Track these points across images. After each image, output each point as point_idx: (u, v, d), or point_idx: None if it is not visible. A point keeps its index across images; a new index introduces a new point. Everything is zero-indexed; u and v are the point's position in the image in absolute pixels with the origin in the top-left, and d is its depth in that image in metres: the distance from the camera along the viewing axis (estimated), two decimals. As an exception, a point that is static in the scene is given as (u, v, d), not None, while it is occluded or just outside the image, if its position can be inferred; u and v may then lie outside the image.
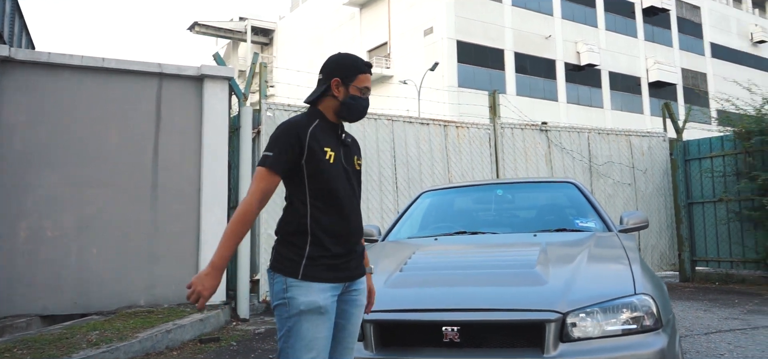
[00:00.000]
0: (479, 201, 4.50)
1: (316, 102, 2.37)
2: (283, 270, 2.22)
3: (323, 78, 2.35)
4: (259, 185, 2.22)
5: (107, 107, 6.56)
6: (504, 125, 8.88)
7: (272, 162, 2.21)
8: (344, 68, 2.34)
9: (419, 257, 3.18)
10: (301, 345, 2.19)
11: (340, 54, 2.41)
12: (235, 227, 2.16)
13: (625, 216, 3.97)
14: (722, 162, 9.44)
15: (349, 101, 2.33)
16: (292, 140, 2.24)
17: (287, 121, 2.31)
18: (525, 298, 2.54)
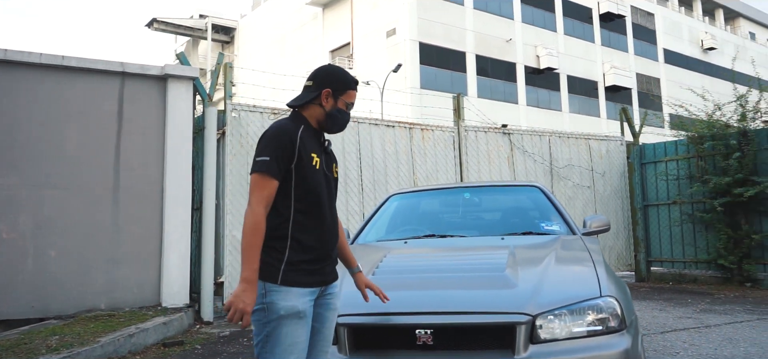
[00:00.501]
0: (447, 204, 4.57)
1: (301, 107, 2.40)
2: (262, 275, 2.22)
3: (313, 86, 2.38)
4: (262, 193, 2.22)
5: (67, 106, 6.40)
6: (468, 128, 9.01)
7: (270, 167, 2.22)
8: (337, 81, 2.39)
9: (390, 260, 3.22)
10: (280, 349, 2.21)
11: (333, 66, 2.47)
12: (253, 239, 2.17)
13: (588, 220, 4.09)
14: (676, 166, 9.77)
15: (336, 113, 2.39)
16: (285, 144, 2.26)
17: (277, 125, 2.31)
18: (496, 301, 2.61)
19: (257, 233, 2.18)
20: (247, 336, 6.02)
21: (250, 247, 2.17)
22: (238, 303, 2.12)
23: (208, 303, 6.80)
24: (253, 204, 2.21)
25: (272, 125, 2.32)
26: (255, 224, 2.18)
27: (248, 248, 2.17)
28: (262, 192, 2.22)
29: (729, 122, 8.97)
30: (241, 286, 2.14)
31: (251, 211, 2.20)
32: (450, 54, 32.78)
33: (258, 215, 2.19)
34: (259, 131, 7.34)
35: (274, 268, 2.23)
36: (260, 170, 2.22)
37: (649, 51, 41.32)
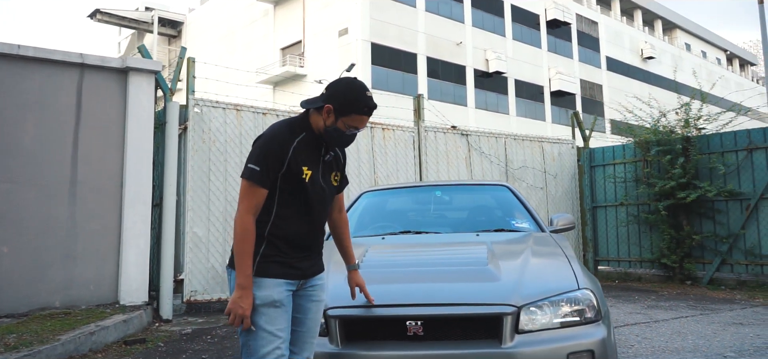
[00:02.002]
0: (419, 202, 4.67)
1: (310, 110, 2.41)
2: (232, 265, 2.34)
3: (323, 95, 2.36)
4: (250, 201, 2.27)
5: (23, 97, 6.18)
6: (427, 129, 9.16)
7: (260, 178, 2.26)
8: (344, 102, 2.30)
9: (373, 255, 3.29)
10: (260, 338, 2.28)
11: (352, 86, 2.35)
12: (245, 247, 2.25)
13: (554, 218, 4.27)
14: (623, 169, 10.21)
15: (332, 132, 2.35)
16: (276, 154, 2.29)
17: (274, 131, 2.33)
18: (482, 293, 2.72)
19: (247, 240, 2.25)
20: (210, 334, 5.97)
21: (242, 254, 2.24)
22: (236, 309, 2.23)
23: (168, 301, 6.69)
24: (241, 212, 2.27)
25: (271, 129, 2.34)
26: (244, 232, 2.25)
27: (240, 255, 2.24)
28: (251, 201, 2.27)
29: (674, 129, 9.43)
30: (237, 292, 2.24)
31: (240, 219, 2.26)
32: (402, 55, 33.05)
33: (247, 223, 2.26)
34: (221, 126, 7.28)
35: None
36: (250, 178, 2.26)
37: (592, 58, 42.78)
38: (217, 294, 6.98)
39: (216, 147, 7.19)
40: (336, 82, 2.39)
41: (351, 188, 8.20)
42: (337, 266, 3.21)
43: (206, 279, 6.94)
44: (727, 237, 8.85)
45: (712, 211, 9.09)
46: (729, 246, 8.83)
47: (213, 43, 39.85)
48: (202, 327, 6.36)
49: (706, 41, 56.18)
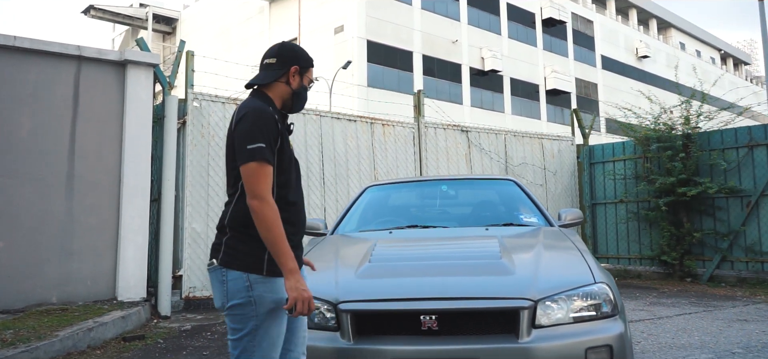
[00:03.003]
0: (425, 196, 4.61)
1: (265, 87, 2.29)
2: (243, 266, 2.13)
3: (278, 64, 2.28)
4: (268, 181, 2.11)
5: (19, 89, 6.07)
6: (428, 125, 9.09)
7: (269, 155, 2.12)
8: (302, 59, 2.33)
9: (382, 249, 3.22)
10: (269, 343, 2.15)
11: (294, 44, 2.37)
12: (280, 231, 2.09)
13: (562, 213, 4.21)
14: (623, 166, 10.18)
15: (301, 92, 2.32)
16: (273, 128, 2.17)
17: (259, 108, 2.18)
18: (498, 287, 2.66)
19: (280, 223, 2.10)
20: (209, 330, 5.89)
21: (280, 239, 2.08)
22: (302, 295, 2.05)
23: (166, 297, 6.60)
24: (265, 196, 2.08)
25: (252, 107, 2.18)
26: (276, 215, 2.09)
27: (279, 240, 2.07)
28: (268, 180, 2.11)
29: (674, 125, 9.40)
30: (293, 278, 2.06)
31: (266, 203, 2.08)
32: (397, 53, 32.96)
33: (274, 206, 2.10)
34: (220, 120, 7.19)
35: (257, 258, 2.13)
36: (262, 157, 2.09)
37: (587, 57, 42.82)
38: (216, 291, 6.88)
39: (215, 142, 7.10)
40: (284, 46, 2.34)
41: (351, 184, 8.14)
42: (344, 261, 3.15)
43: (205, 276, 6.84)
44: (728, 234, 8.83)
45: (712, 208, 9.07)
46: (729, 243, 8.80)
47: (208, 40, 39.64)
48: (201, 323, 6.27)
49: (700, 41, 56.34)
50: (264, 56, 2.34)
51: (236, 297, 2.12)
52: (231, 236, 2.17)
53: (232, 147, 2.20)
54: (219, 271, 2.16)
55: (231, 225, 2.18)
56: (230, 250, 2.15)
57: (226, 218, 2.20)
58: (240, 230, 2.16)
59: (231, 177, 2.23)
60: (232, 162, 2.21)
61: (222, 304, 2.16)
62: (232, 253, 2.15)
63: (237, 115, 2.19)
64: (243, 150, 2.10)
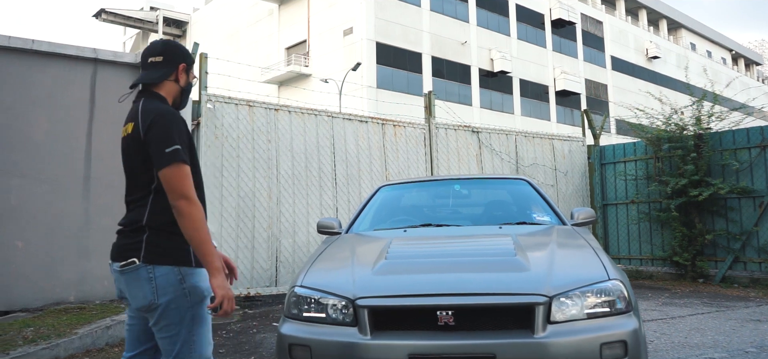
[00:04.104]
0: (438, 196, 4.64)
1: (156, 86, 2.29)
2: (172, 261, 2.16)
3: (165, 61, 2.29)
4: (191, 181, 2.15)
5: (36, 91, 6.17)
6: (438, 126, 9.13)
7: (185, 154, 2.15)
8: (188, 56, 2.37)
9: (398, 246, 3.26)
10: (206, 329, 2.22)
11: (177, 42, 2.39)
12: (207, 231, 2.14)
13: (575, 212, 4.23)
14: (634, 166, 10.16)
15: (187, 89, 2.38)
16: (186, 129, 2.22)
17: (168, 110, 2.21)
18: (514, 283, 2.69)
19: (206, 222, 2.16)
20: (224, 329, 5.95)
21: (207, 238, 2.11)
22: (227, 293, 2.09)
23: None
24: (190, 196, 2.11)
25: (161, 111, 2.18)
26: (203, 215, 2.15)
27: (207, 239, 2.11)
28: (190, 180, 2.14)
29: (686, 126, 9.38)
30: (220, 277, 2.10)
31: (193, 203, 2.11)
32: (406, 55, 33.04)
33: (199, 205, 2.15)
34: (233, 122, 7.26)
35: (185, 251, 2.18)
36: (182, 159, 2.12)
37: (597, 58, 42.72)
38: (229, 290, 6.95)
39: (228, 143, 7.17)
40: (168, 44, 2.34)
41: (363, 185, 8.19)
42: (360, 258, 3.19)
43: (219, 275, 6.90)
44: (740, 235, 8.80)
45: (724, 209, 9.04)
46: (742, 244, 8.77)
47: (218, 42, 39.89)
48: (215, 321, 6.34)
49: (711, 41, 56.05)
50: (147, 54, 2.32)
51: (168, 292, 2.13)
52: (152, 234, 2.17)
53: (135, 151, 2.21)
54: (144, 269, 2.15)
55: (151, 224, 2.19)
56: (155, 247, 2.16)
57: (145, 219, 2.19)
58: (162, 227, 2.18)
59: (138, 180, 2.23)
60: (137, 166, 2.22)
61: (149, 302, 2.14)
62: (158, 250, 2.16)
63: (144, 119, 2.17)
64: (161, 154, 2.11)
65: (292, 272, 7.44)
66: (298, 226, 7.58)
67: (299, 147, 7.72)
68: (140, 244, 2.16)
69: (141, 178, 2.21)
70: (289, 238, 7.47)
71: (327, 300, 2.81)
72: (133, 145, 2.21)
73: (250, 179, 7.27)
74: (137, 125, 2.19)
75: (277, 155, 7.52)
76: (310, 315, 2.83)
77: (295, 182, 7.62)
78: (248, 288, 7.08)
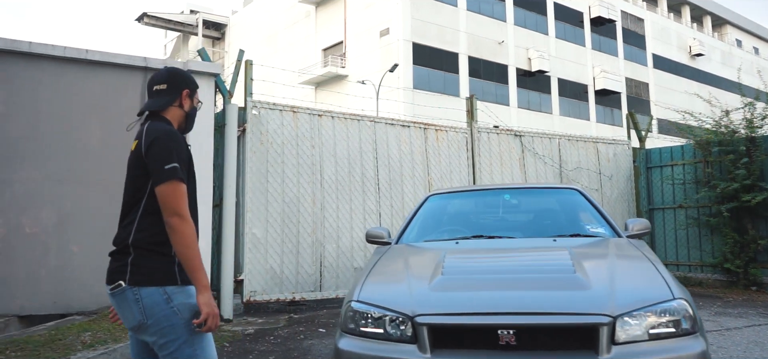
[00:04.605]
0: (488, 206, 4.60)
1: (163, 111, 2.35)
2: (157, 281, 2.16)
3: (169, 89, 2.36)
4: (185, 200, 2.18)
5: (89, 100, 6.35)
6: (480, 130, 9.06)
7: (182, 173, 2.19)
8: (191, 82, 2.43)
9: (453, 260, 3.24)
10: (207, 342, 2.23)
11: (179, 69, 2.45)
12: (197, 249, 2.16)
13: (629, 223, 4.15)
14: (682, 170, 9.90)
15: (192, 114, 2.46)
16: (185, 148, 2.27)
17: (169, 130, 2.25)
18: (576, 302, 2.64)
19: (196, 242, 2.18)
20: (272, 334, 6.01)
21: (198, 255, 2.15)
22: (212, 310, 2.13)
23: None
24: (184, 214, 2.15)
25: (163, 130, 2.23)
26: (194, 232, 2.18)
27: (197, 256, 2.15)
28: (185, 198, 2.18)
29: (737, 129, 9.10)
30: (207, 294, 2.14)
31: (186, 221, 2.15)
32: (443, 55, 32.89)
33: (192, 223, 2.18)
34: (278, 128, 7.34)
35: (170, 271, 2.19)
36: (179, 177, 2.16)
37: (638, 56, 41.80)
38: (275, 295, 7.03)
39: (273, 149, 7.25)
40: (171, 72, 2.40)
41: (406, 190, 8.17)
42: (415, 272, 3.18)
43: (265, 280, 7.00)
44: (796, 242, 8.50)
45: (778, 214, 8.74)
46: (797, 251, 8.47)
47: (256, 44, 40.37)
48: (262, 327, 6.41)
49: (758, 37, 54.25)
50: (152, 83, 2.38)
51: (156, 312, 2.14)
52: (136, 256, 2.18)
53: (135, 168, 2.25)
54: (130, 291, 2.16)
55: (136, 245, 2.20)
56: (139, 269, 2.17)
57: (130, 239, 2.21)
58: (146, 249, 2.19)
59: (131, 199, 2.27)
60: (134, 182, 2.26)
61: (139, 323, 2.16)
62: (142, 271, 2.17)
63: (147, 137, 2.22)
64: (160, 170, 2.15)
65: (335, 277, 7.48)
66: (342, 231, 7.61)
67: (342, 152, 7.76)
68: (126, 267, 2.18)
69: (134, 196, 2.26)
70: (332, 243, 7.51)
71: (385, 315, 2.80)
72: (135, 161, 2.27)
73: (294, 184, 7.34)
74: (140, 143, 2.25)
75: (321, 160, 7.57)
76: (368, 330, 2.83)
77: (339, 187, 7.66)
78: (293, 292, 7.15)
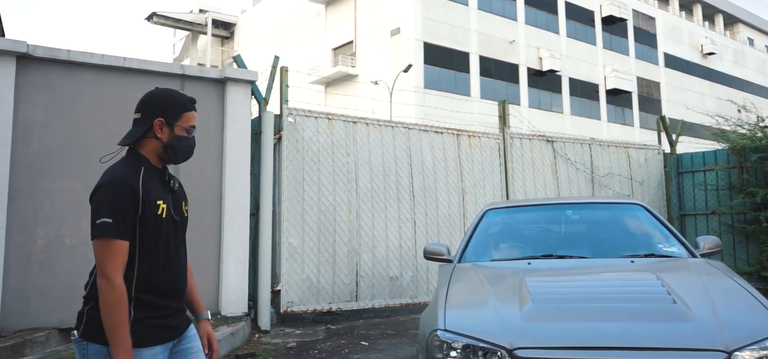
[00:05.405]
0: (549, 221, 4.48)
1: (136, 144, 2.17)
2: (104, 340, 1.97)
3: (142, 118, 2.16)
4: (116, 261, 1.96)
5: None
6: (513, 135, 8.94)
7: (117, 230, 1.97)
8: (168, 107, 2.17)
9: (536, 286, 3.11)
10: None
11: (162, 90, 2.23)
12: (122, 315, 1.95)
13: (700, 241, 4.04)
14: (715, 176, 9.76)
15: (176, 143, 2.18)
16: (130, 199, 2.02)
17: (113, 175, 2.06)
18: (686, 335, 2.53)
19: (124, 308, 1.96)
20: (314, 348, 5.91)
21: (121, 324, 1.94)
22: None
23: (266, 312, 6.68)
24: (109, 276, 1.94)
25: (108, 178, 2.05)
26: (120, 299, 1.95)
27: (118, 326, 1.93)
28: (116, 259, 1.96)
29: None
30: None
31: (110, 284, 1.93)
32: (454, 54, 32.74)
33: (120, 288, 1.95)
34: (313, 136, 7.23)
35: None
36: (107, 233, 1.95)
37: (649, 55, 41.54)
38: (312, 306, 6.93)
39: (309, 156, 7.15)
40: (147, 97, 2.20)
41: (440, 197, 8.06)
42: (498, 296, 3.07)
43: (301, 290, 6.89)
44: (835, 250, 8.35)
45: (817, 222, 8.59)
46: (837, 259, 8.33)
47: (264, 44, 40.31)
48: (302, 338, 6.31)
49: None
50: (135, 110, 2.20)
51: None
52: (92, 307, 2.03)
53: None
54: (80, 344, 2.02)
55: (92, 295, 2.05)
56: (91, 321, 2.02)
57: (89, 287, 2.08)
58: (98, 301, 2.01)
59: None
60: None
61: None
62: (93, 324, 2.01)
63: (97, 184, 2.07)
64: (92, 225, 1.99)
65: (371, 287, 7.37)
66: (377, 240, 7.50)
67: (377, 160, 7.65)
68: (82, 316, 2.05)
69: None
70: (368, 252, 7.41)
71: (477, 346, 2.69)
72: None
73: (330, 192, 7.23)
74: None
75: (356, 168, 7.46)
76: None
77: (374, 195, 7.55)
78: (330, 303, 7.05)
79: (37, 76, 5.84)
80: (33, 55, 5.77)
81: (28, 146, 5.77)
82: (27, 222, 5.71)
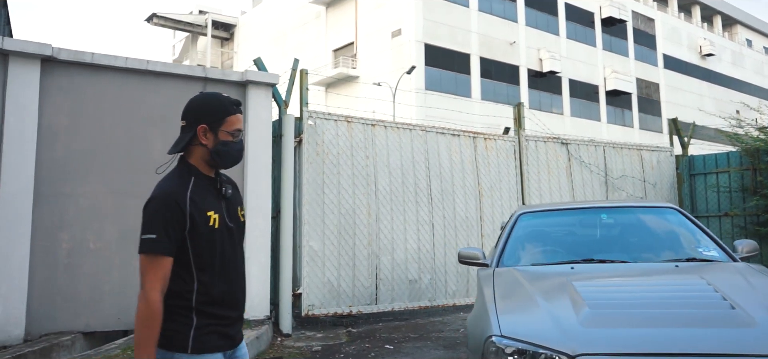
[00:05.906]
0: (585, 225, 4.47)
1: (185, 152, 2.16)
2: (168, 345, 2.00)
3: (187, 125, 2.14)
4: (155, 275, 1.96)
5: (150, 111, 6.23)
6: (528, 138, 8.95)
7: (160, 247, 1.97)
8: (211, 113, 2.13)
9: (588, 291, 3.10)
10: None
11: (203, 95, 2.20)
12: (150, 332, 1.95)
13: (738, 245, 4.03)
14: (728, 178, 9.78)
15: (221, 149, 2.13)
16: (174, 215, 2.02)
17: (161, 189, 2.07)
18: (751, 341, 2.52)
19: (154, 324, 1.95)
20: (340, 352, 5.90)
21: (146, 341, 1.94)
22: None
23: (287, 315, 6.67)
24: (147, 290, 1.95)
25: (157, 190, 2.07)
26: (152, 315, 1.95)
27: (145, 342, 1.94)
28: (156, 274, 1.97)
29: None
30: None
31: (145, 299, 1.95)
32: (455, 56, 32.77)
33: (154, 303, 1.95)
34: (333, 139, 7.22)
35: (182, 335, 2.02)
36: (150, 250, 1.97)
37: (649, 56, 41.65)
38: (333, 309, 6.92)
39: (329, 159, 7.14)
40: (190, 103, 2.18)
41: (457, 200, 8.06)
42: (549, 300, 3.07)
43: (322, 293, 6.88)
44: None
45: (831, 223, 8.63)
46: None
47: (264, 45, 40.23)
48: (325, 342, 6.30)
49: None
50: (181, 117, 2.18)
51: None
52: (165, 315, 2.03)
53: None
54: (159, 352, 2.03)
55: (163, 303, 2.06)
56: (163, 331, 2.02)
57: None
58: (167, 308, 2.02)
59: None
60: None
61: None
62: (164, 333, 2.02)
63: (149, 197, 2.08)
64: (140, 240, 2.01)
65: (391, 290, 7.37)
66: (396, 243, 7.50)
67: (395, 162, 7.64)
68: None
69: None
70: (387, 255, 7.40)
71: (537, 352, 2.68)
72: None
73: (350, 195, 7.22)
74: None
75: (375, 170, 7.46)
76: (518, 368, 2.70)
77: (393, 198, 7.55)
78: (350, 306, 7.04)
79: (61, 80, 5.82)
80: (57, 58, 5.75)
81: (53, 149, 5.75)
82: (52, 226, 5.68)
